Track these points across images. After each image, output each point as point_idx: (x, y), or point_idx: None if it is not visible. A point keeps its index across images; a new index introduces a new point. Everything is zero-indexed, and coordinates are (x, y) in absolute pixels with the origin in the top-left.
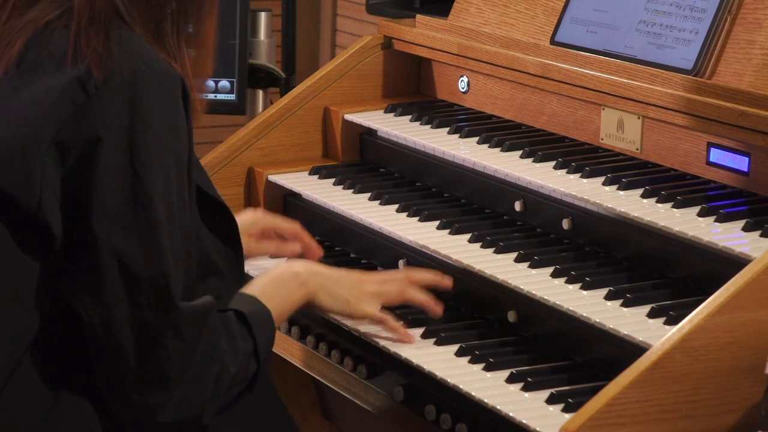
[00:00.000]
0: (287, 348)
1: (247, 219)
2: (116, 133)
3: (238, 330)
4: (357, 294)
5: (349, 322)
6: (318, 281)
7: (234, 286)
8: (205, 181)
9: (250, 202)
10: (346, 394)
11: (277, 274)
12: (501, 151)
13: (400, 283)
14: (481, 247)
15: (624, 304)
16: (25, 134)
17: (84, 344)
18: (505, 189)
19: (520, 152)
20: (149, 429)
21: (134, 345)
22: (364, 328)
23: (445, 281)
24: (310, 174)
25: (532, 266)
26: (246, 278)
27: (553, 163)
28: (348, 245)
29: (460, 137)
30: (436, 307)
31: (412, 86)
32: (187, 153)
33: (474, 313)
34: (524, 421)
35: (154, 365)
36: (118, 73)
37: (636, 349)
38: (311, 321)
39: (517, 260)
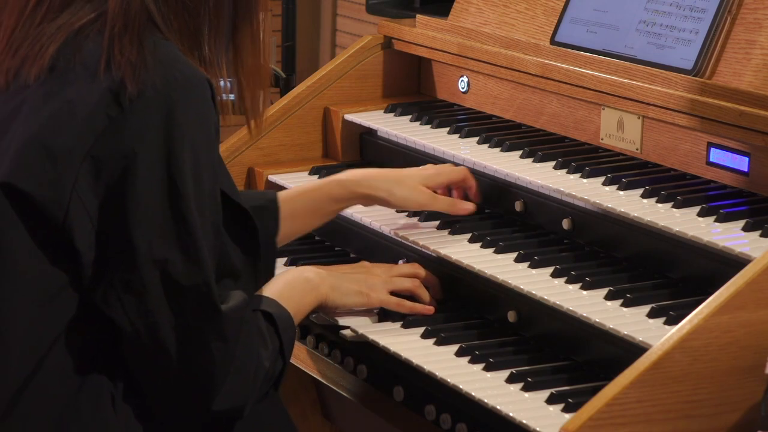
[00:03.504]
0: None
1: (431, 172)
2: (153, 146)
3: (266, 329)
4: (370, 283)
5: (350, 322)
6: (328, 283)
7: (247, 290)
8: (231, 187)
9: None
10: (346, 394)
11: (290, 280)
12: (501, 151)
13: (414, 281)
14: (481, 247)
15: (624, 304)
16: (58, 145)
17: (104, 347)
18: (505, 189)
19: (520, 152)
20: (192, 421)
21: (179, 350)
22: (364, 328)
23: (429, 306)
24: (309, 174)
25: (532, 266)
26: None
27: (553, 163)
28: (348, 245)
29: (460, 137)
30: (431, 307)
31: (412, 86)
32: (217, 157)
33: (474, 313)
34: (524, 421)
35: (199, 367)
36: (152, 85)
37: (636, 349)
38: (311, 321)
39: (517, 260)
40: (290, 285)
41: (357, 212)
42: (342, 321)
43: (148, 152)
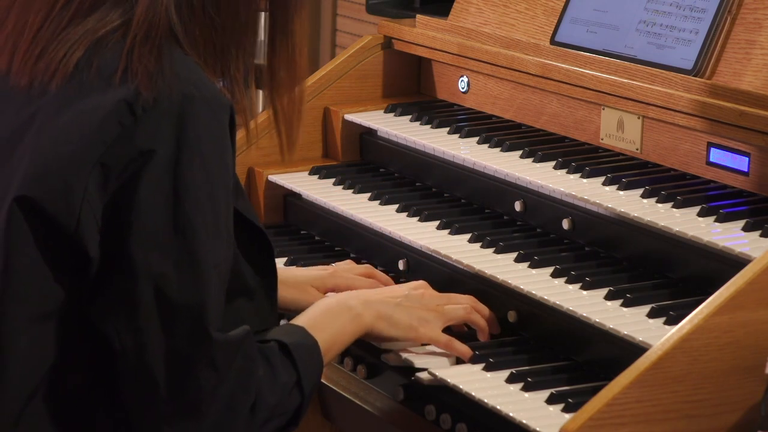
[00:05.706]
0: None
1: (324, 274)
2: (161, 157)
3: (280, 362)
4: (421, 316)
5: None
6: (374, 311)
7: (263, 309)
8: (245, 206)
9: (250, 202)
10: (346, 394)
11: (328, 306)
12: (501, 151)
13: (466, 307)
14: (481, 247)
15: (624, 304)
16: (69, 153)
17: (100, 377)
18: (505, 189)
19: (520, 152)
20: None
21: (166, 374)
22: None
23: (486, 331)
24: (310, 174)
25: (532, 266)
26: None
27: (553, 163)
28: (348, 245)
29: (460, 137)
30: (487, 333)
31: (412, 86)
32: (233, 181)
33: None
34: (524, 421)
35: (186, 395)
36: (167, 95)
37: (636, 349)
38: None
39: (517, 260)
40: (328, 313)
41: (357, 212)
42: None
43: (155, 162)
